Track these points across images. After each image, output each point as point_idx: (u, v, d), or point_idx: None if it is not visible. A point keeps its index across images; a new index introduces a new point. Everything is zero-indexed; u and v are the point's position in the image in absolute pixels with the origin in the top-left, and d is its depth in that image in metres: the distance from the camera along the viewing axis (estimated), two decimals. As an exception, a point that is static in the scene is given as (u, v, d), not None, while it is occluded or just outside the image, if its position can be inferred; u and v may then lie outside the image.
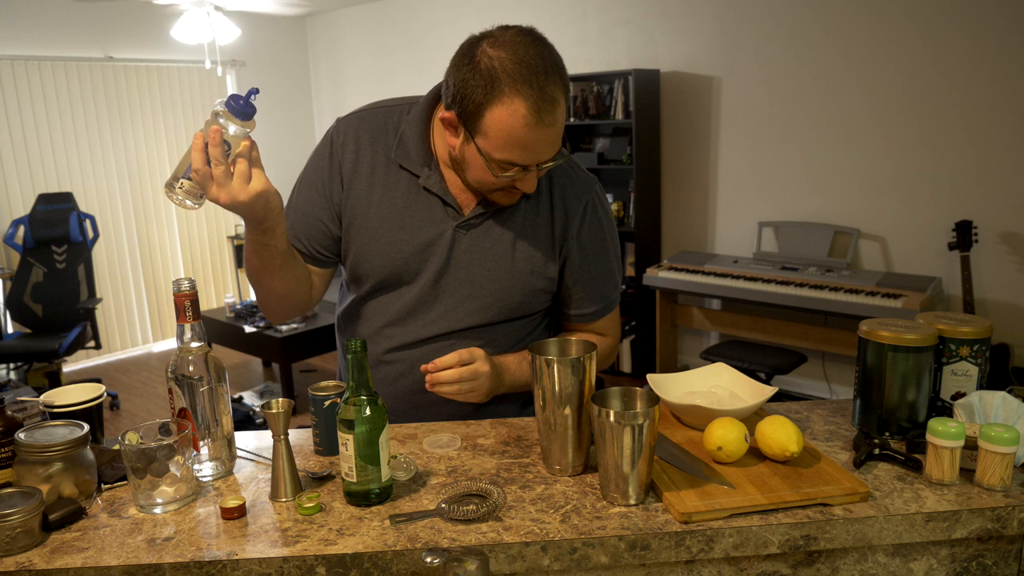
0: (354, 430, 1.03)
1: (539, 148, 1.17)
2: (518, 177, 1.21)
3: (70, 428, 1.11)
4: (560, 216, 1.35)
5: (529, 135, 1.15)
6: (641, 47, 4.79)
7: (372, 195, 1.32)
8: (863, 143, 4.03)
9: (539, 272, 1.35)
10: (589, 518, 1.00)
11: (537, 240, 1.34)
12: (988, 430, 1.05)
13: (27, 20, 5.19)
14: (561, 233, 1.35)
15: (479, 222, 1.32)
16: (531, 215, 1.34)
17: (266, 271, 1.27)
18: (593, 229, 1.37)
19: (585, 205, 1.36)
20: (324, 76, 6.88)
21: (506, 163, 1.19)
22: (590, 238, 1.37)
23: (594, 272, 1.39)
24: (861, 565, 1.04)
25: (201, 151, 1.07)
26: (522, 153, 1.17)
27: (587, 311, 1.41)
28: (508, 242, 1.33)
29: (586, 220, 1.36)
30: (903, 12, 3.79)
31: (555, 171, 1.36)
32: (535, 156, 1.18)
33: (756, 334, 4.38)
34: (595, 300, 1.41)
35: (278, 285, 1.29)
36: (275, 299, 1.33)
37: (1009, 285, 3.69)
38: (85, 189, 5.54)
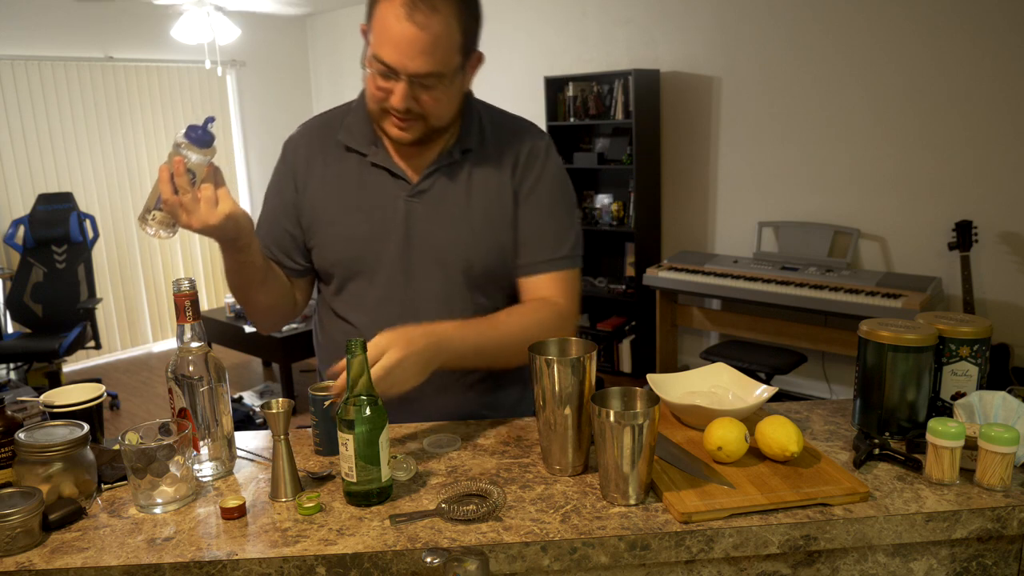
0: (354, 430, 1.03)
1: (407, 49, 1.15)
2: (392, 86, 1.19)
3: (70, 428, 1.11)
4: (508, 164, 1.34)
5: (398, 28, 1.14)
6: (641, 47, 4.79)
7: (326, 186, 1.35)
8: (863, 143, 4.03)
9: (500, 223, 1.33)
10: (589, 518, 1.00)
11: (489, 192, 1.33)
12: (988, 430, 1.04)
13: (27, 20, 5.19)
14: (509, 180, 1.34)
15: (428, 187, 1.32)
16: (479, 170, 1.34)
17: (248, 287, 1.32)
18: (538, 177, 1.35)
19: (529, 151, 1.36)
20: (324, 76, 6.88)
21: (378, 60, 1.18)
22: (533, 182, 1.35)
23: (539, 221, 1.35)
24: (861, 565, 1.04)
25: (167, 182, 1.11)
26: (391, 50, 1.16)
27: (531, 261, 1.35)
28: (463, 201, 1.32)
29: (531, 168, 1.35)
30: (903, 12, 3.79)
31: (499, 123, 1.37)
32: (402, 57, 1.15)
33: (756, 334, 4.38)
34: (541, 250, 1.35)
35: (262, 299, 1.34)
36: (261, 312, 1.38)
37: (1009, 285, 3.69)
38: (85, 189, 5.54)
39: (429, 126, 1.26)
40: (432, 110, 1.23)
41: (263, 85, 6.59)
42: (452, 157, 1.33)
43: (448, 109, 1.26)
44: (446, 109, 1.26)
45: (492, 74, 5.62)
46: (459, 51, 1.20)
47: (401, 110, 1.21)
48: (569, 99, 4.86)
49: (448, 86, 1.22)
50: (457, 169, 1.34)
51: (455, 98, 1.27)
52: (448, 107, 1.26)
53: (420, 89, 1.20)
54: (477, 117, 1.37)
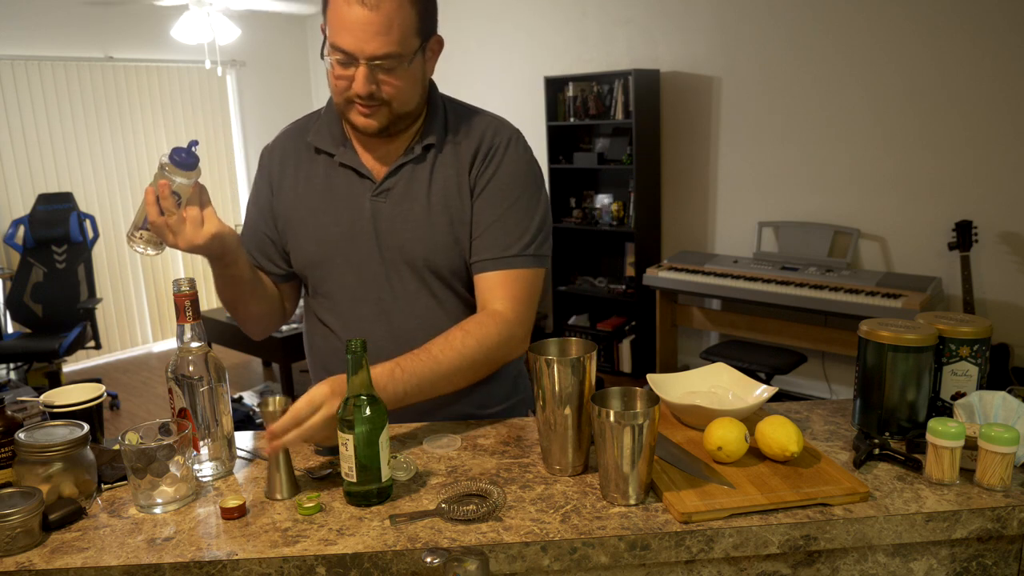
0: (354, 430, 1.03)
1: (361, 32, 1.16)
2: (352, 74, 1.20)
3: (70, 428, 1.11)
4: (467, 159, 1.32)
5: (350, 13, 1.15)
6: (641, 47, 4.79)
7: (298, 188, 1.37)
8: (863, 143, 4.03)
9: (458, 220, 1.31)
10: (589, 518, 1.00)
11: (448, 188, 1.31)
12: (988, 430, 1.04)
13: (27, 20, 5.19)
14: (467, 175, 1.32)
15: (392, 185, 1.32)
16: (440, 165, 1.32)
17: (239, 299, 1.35)
18: (495, 171, 1.31)
19: (488, 147, 1.32)
20: (324, 76, 6.86)
21: (336, 48, 1.19)
22: (488, 178, 1.31)
23: (491, 216, 1.30)
24: (861, 565, 1.04)
25: (154, 204, 1.15)
26: (346, 36, 1.17)
27: (480, 258, 1.31)
28: (423, 199, 1.32)
29: (489, 162, 1.31)
30: (903, 12, 3.79)
31: (463, 116, 1.35)
32: (358, 41, 1.16)
33: (756, 334, 4.38)
34: (491, 247, 1.30)
35: (252, 308, 1.38)
36: (252, 320, 1.41)
37: (1009, 285, 3.69)
38: (85, 189, 5.54)
39: (394, 112, 1.25)
40: (394, 95, 1.23)
41: (263, 85, 6.59)
42: (414, 153, 1.32)
43: (411, 94, 1.26)
44: (409, 94, 1.25)
45: (492, 74, 5.63)
46: (416, 33, 1.21)
47: (363, 95, 1.21)
48: (569, 99, 4.86)
49: (408, 69, 1.22)
50: (420, 165, 1.33)
51: (417, 83, 1.26)
52: (410, 92, 1.25)
53: (380, 73, 1.20)
54: (442, 112, 1.35)
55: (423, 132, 1.33)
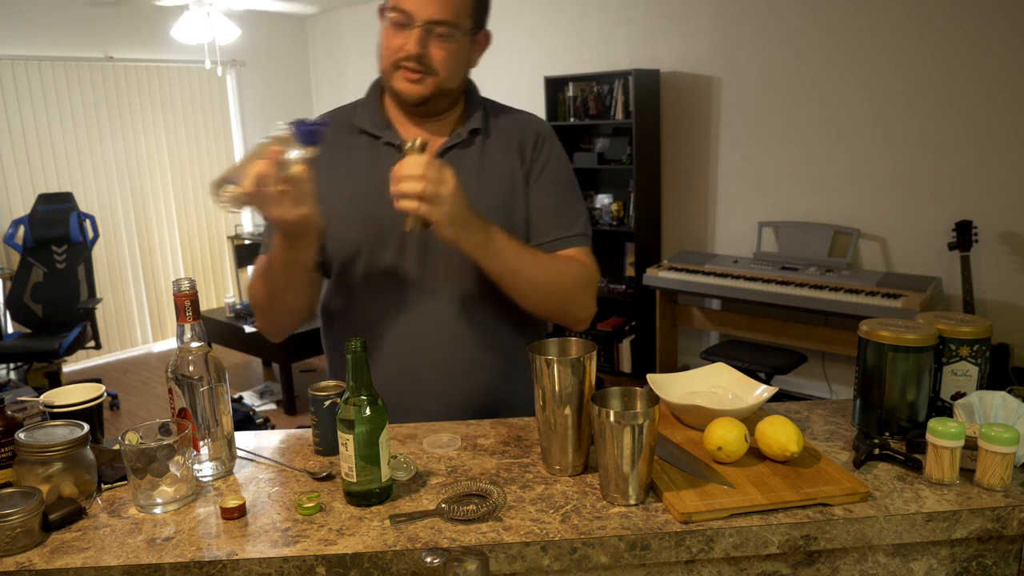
0: (354, 430, 1.03)
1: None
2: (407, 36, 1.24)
3: (70, 428, 1.11)
4: (516, 147, 1.39)
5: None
6: (641, 47, 4.79)
7: (339, 171, 1.37)
8: (863, 143, 4.03)
9: (513, 203, 1.37)
10: (589, 518, 1.00)
11: (500, 173, 1.37)
12: (988, 430, 1.05)
13: (27, 20, 5.19)
14: (519, 163, 1.39)
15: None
16: (489, 151, 1.38)
17: (290, 288, 1.31)
18: (547, 160, 1.40)
19: (536, 137, 1.41)
20: (324, 76, 6.88)
21: (397, 9, 1.24)
22: (543, 165, 1.40)
23: (552, 201, 1.39)
24: (861, 565, 1.04)
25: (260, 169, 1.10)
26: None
27: (547, 239, 1.38)
28: (475, 180, 1.34)
29: (540, 151, 1.40)
30: (903, 12, 3.79)
31: (501, 110, 1.43)
32: (418, 4, 1.22)
33: (756, 334, 4.38)
34: (556, 228, 1.38)
35: (298, 302, 1.35)
36: (288, 315, 1.37)
37: (1009, 285, 3.69)
38: (85, 189, 5.54)
39: (438, 83, 1.29)
40: (442, 64, 1.27)
41: (263, 85, 6.59)
42: (461, 137, 1.36)
43: (456, 70, 1.30)
44: (454, 69, 1.30)
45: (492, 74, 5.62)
46: (470, 15, 1.28)
47: (414, 55, 1.25)
48: (569, 99, 4.86)
49: (458, 43, 1.27)
50: (467, 150, 1.37)
51: (462, 62, 1.32)
52: (456, 67, 1.30)
53: (433, 39, 1.25)
54: (481, 102, 1.42)
55: (466, 119, 1.39)
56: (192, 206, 6.19)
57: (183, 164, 6.09)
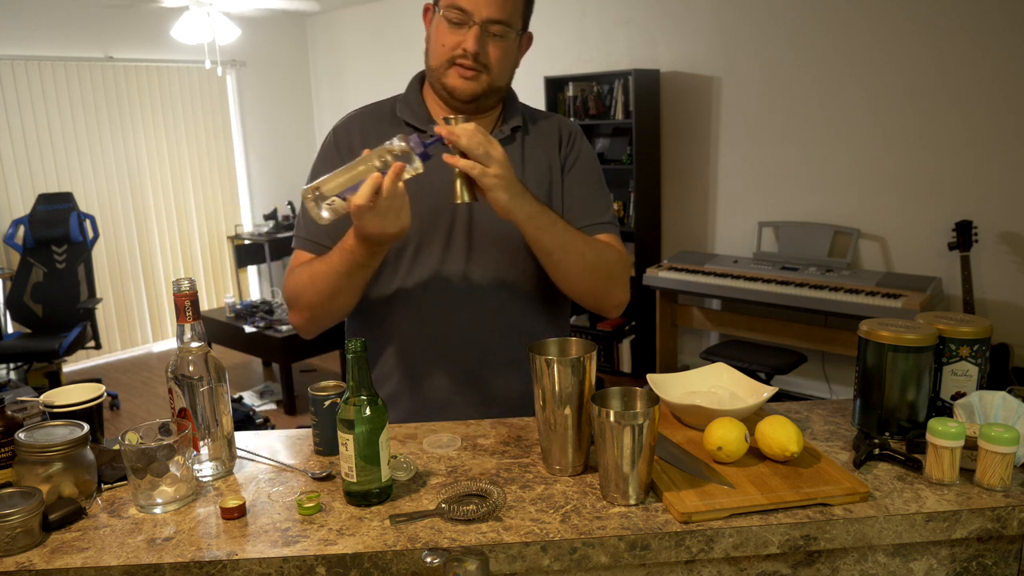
0: (354, 430, 1.03)
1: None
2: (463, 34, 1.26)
3: (70, 428, 1.11)
4: (553, 142, 1.44)
5: None
6: (641, 47, 4.79)
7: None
8: (863, 143, 4.03)
9: (550, 192, 1.41)
10: (589, 518, 1.00)
11: (541, 167, 1.41)
12: (988, 430, 1.04)
13: (27, 20, 5.19)
14: (557, 156, 1.43)
15: None
16: (530, 147, 1.42)
17: (350, 290, 1.30)
18: (579, 152, 1.45)
19: (569, 132, 1.46)
20: (324, 76, 6.88)
21: (452, 6, 1.26)
22: (575, 157, 1.44)
23: (584, 190, 1.43)
24: (861, 565, 1.04)
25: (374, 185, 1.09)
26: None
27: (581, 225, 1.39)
28: (518, 170, 1.35)
29: (574, 145, 1.45)
30: (903, 12, 3.79)
31: (533, 111, 1.48)
32: (477, 3, 1.24)
33: (756, 334, 4.38)
34: (588, 215, 1.41)
35: (351, 302, 1.33)
36: (338, 315, 1.36)
37: (1009, 285, 3.68)
38: (85, 189, 5.54)
39: (490, 81, 1.31)
40: (496, 63, 1.30)
41: (263, 85, 6.59)
42: (503, 134, 1.39)
43: (507, 69, 1.34)
44: (506, 68, 1.33)
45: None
46: (521, 15, 1.31)
47: (472, 52, 1.27)
48: (569, 99, 4.86)
49: (510, 43, 1.30)
50: (509, 145, 1.39)
51: (513, 61, 1.35)
52: (507, 66, 1.33)
53: (489, 38, 1.27)
54: (518, 103, 1.46)
55: (505, 117, 1.42)
56: (192, 206, 6.19)
57: (183, 164, 6.09)
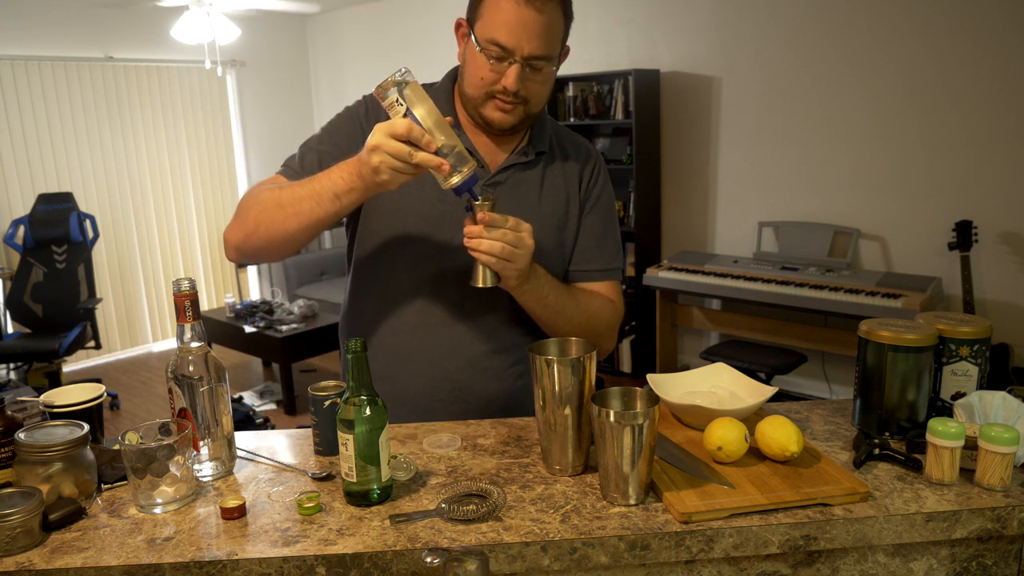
0: (354, 430, 1.03)
1: (523, 31, 1.20)
2: (503, 70, 1.23)
3: (70, 428, 1.11)
4: (575, 175, 1.43)
5: (518, 13, 1.19)
6: (641, 47, 4.79)
7: None
8: (863, 143, 4.03)
9: (565, 226, 1.40)
10: (589, 518, 1.00)
11: (558, 195, 1.40)
12: (988, 430, 1.04)
13: (27, 20, 5.19)
14: (577, 190, 1.42)
15: (504, 179, 1.37)
16: (550, 173, 1.41)
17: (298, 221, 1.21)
18: (601, 191, 1.45)
19: (594, 167, 1.45)
20: (324, 76, 6.88)
21: (492, 42, 1.22)
22: (597, 196, 1.44)
23: (601, 232, 1.44)
24: (861, 565, 1.04)
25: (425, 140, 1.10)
26: (507, 32, 1.20)
27: (591, 268, 1.44)
28: (534, 198, 1.38)
29: (597, 182, 1.44)
30: (903, 12, 3.79)
31: (562, 133, 1.45)
32: (518, 39, 1.20)
33: (756, 334, 4.38)
34: (601, 259, 1.44)
35: (294, 239, 1.25)
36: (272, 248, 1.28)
37: (1009, 285, 3.68)
38: (85, 189, 5.54)
39: (528, 111, 1.30)
40: (535, 95, 1.29)
41: (263, 85, 6.59)
42: (528, 156, 1.38)
43: (544, 96, 1.32)
44: (544, 96, 1.32)
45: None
46: (562, 40, 1.28)
47: (512, 91, 1.25)
48: (569, 99, 4.85)
49: (551, 73, 1.28)
50: (531, 168, 1.39)
51: (550, 86, 1.33)
52: (545, 94, 1.32)
53: (530, 72, 1.25)
54: (549, 124, 1.44)
55: (532, 138, 1.40)
56: (192, 206, 6.19)
57: (183, 164, 6.09)
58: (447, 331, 1.37)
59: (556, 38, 1.24)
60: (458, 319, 1.37)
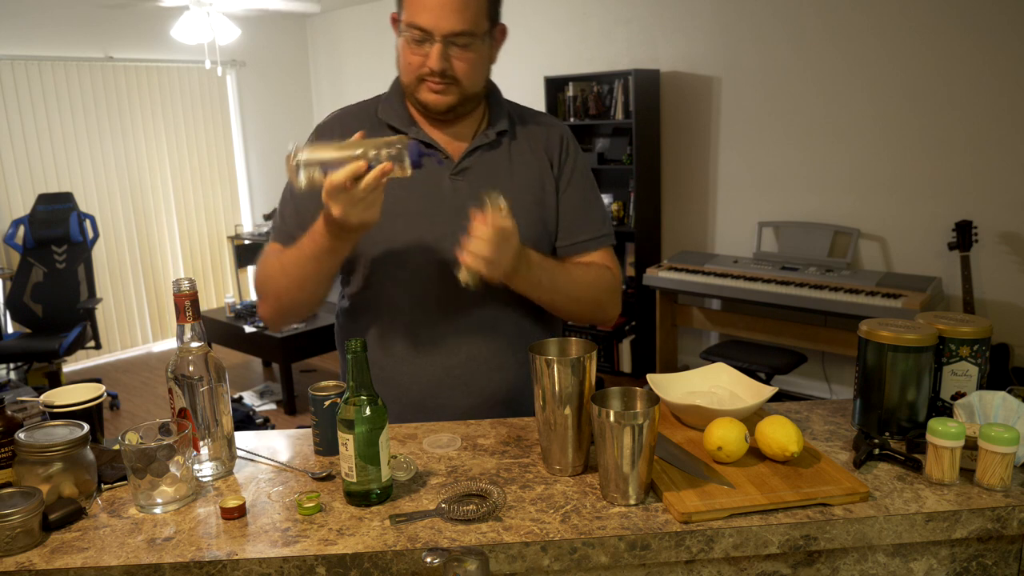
0: (354, 430, 1.03)
1: (440, 10, 1.22)
2: (427, 51, 1.25)
3: (70, 428, 1.11)
4: (543, 149, 1.42)
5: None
6: (641, 47, 4.79)
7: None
8: (863, 143, 4.03)
9: (544, 203, 1.40)
10: (589, 518, 1.00)
11: (531, 172, 1.40)
12: (988, 430, 1.04)
13: (27, 20, 5.19)
14: (549, 165, 1.42)
15: (471, 164, 1.37)
16: (517, 151, 1.40)
17: (317, 278, 1.29)
18: (574, 163, 1.44)
19: (562, 139, 1.44)
20: (324, 76, 6.88)
21: (414, 27, 1.24)
22: (571, 168, 1.44)
23: (583, 204, 1.44)
24: (861, 565, 1.04)
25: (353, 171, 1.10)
26: (425, 14, 1.23)
27: (580, 240, 1.43)
28: (506, 179, 1.37)
29: (568, 154, 1.44)
30: (903, 12, 3.79)
31: (522, 112, 1.46)
32: (436, 19, 1.22)
33: (756, 334, 4.38)
34: (588, 229, 1.43)
35: (320, 292, 1.33)
36: (306, 307, 1.35)
37: (1009, 285, 3.69)
38: (85, 189, 5.54)
39: (463, 91, 1.31)
40: (465, 73, 1.29)
41: (263, 85, 6.59)
42: (488, 137, 1.38)
43: (479, 75, 1.32)
44: (477, 74, 1.31)
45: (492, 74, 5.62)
46: (486, 16, 1.28)
47: (437, 71, 1.26)
48: (569, 99, 4.85)
49: (478, 49, 1.28)
50: (495, 151, 1.39)
51: (484, 64, 1.33)
52: (479, 73, 1.32)
53: (454, 50, 1.26)
54: (504, 103, 1.44)
55: (491, 119, 1.40)
56: (192, 206, 6.19)
57: (183, 164, 6.09)
58: (443, 327, 1.37)
59: (475, 13, 1.25)
60: (453, 314, 1.37)
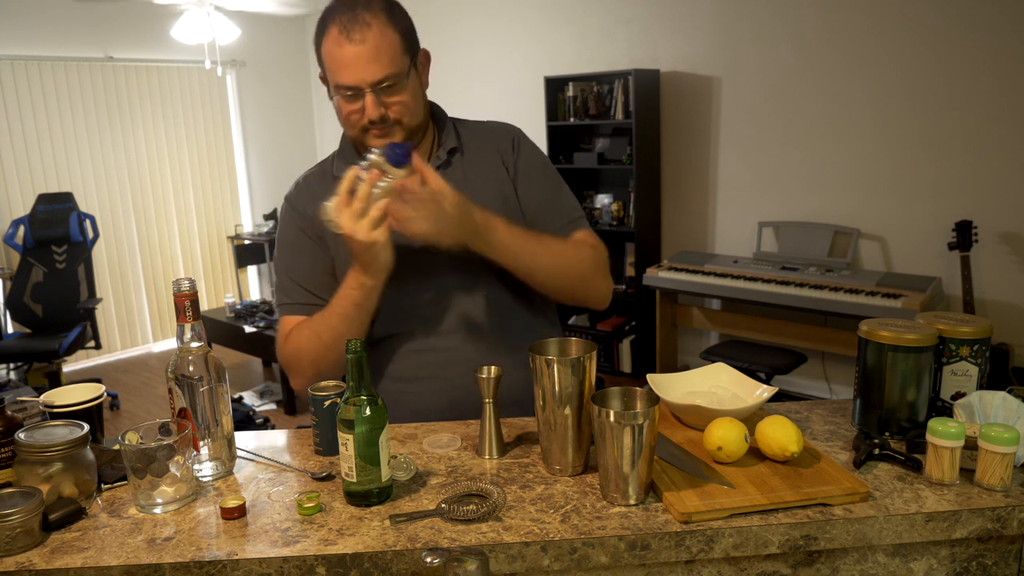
0: (354, 430, 1.03)
1: (357, 65, 1.26)
2: (362, 104, 1.29)
3: (70, 428, 1.11)
4: (495, 157, 1.44)
5: (343, 52, 1.27)
6: (641, 47, 4.79)
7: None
8: (863, 143, 4.03)
9: (509, 205, 1.40)
10: (589, 518, 1.00)
11: (488, 183, 1.41)
12: (988, 430, 1.04)
13: (27, 20, 5.19)
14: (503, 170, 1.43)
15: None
16: (471, 166, 1.42)
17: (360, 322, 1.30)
18: (525, 159, 1.45)
19: (512, 140, 1.45)
20: (324, 76, 6.88)
21: (341, 87, 1.29)
22: (526, 165, 1.44)
23: (542, 195, 1.44)
24: (861, 565, 1.04)
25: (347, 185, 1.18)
26: (345, 71, 1.27)
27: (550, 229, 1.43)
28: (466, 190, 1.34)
29: (517, 154, 1.45)
30: (903, 12, 3.79)
31: (469, 126, 1.48)
32: (358, 74, 1.26)
33: (756, 334, 4.38)
34: (555, 219, 1.44)
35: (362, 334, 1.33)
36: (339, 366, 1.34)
37: (1009, 285, 3.68)
38: (85, 189, 5.54)
39: (406, 128, 1.34)
40: (401, 113, 1.31)
41: (263, 85, 6.59)
42: (440, 159, 1.40)
43: (416, 108, 1.34)
44: (414, 108, 1.34)
45: (492, 74, 5.62)
46: (403, 52, 1.30)
47: (376, 119, 1.29)
48: (569, 99, 4.86)
49: (406, 85, 1.31)
50: (449, 168, 1.40)
51: (418, 96, 1.35)
52: (415, 106, 1.34)
53: (384, 95, 1.29)
54: (450, 122, 1.46)
55: (440, 140, 1.43)
56: (192, 206, 6.19)
57: (183, 164, 6.09)
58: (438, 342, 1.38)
59: (391, 56, 1.27)
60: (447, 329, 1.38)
